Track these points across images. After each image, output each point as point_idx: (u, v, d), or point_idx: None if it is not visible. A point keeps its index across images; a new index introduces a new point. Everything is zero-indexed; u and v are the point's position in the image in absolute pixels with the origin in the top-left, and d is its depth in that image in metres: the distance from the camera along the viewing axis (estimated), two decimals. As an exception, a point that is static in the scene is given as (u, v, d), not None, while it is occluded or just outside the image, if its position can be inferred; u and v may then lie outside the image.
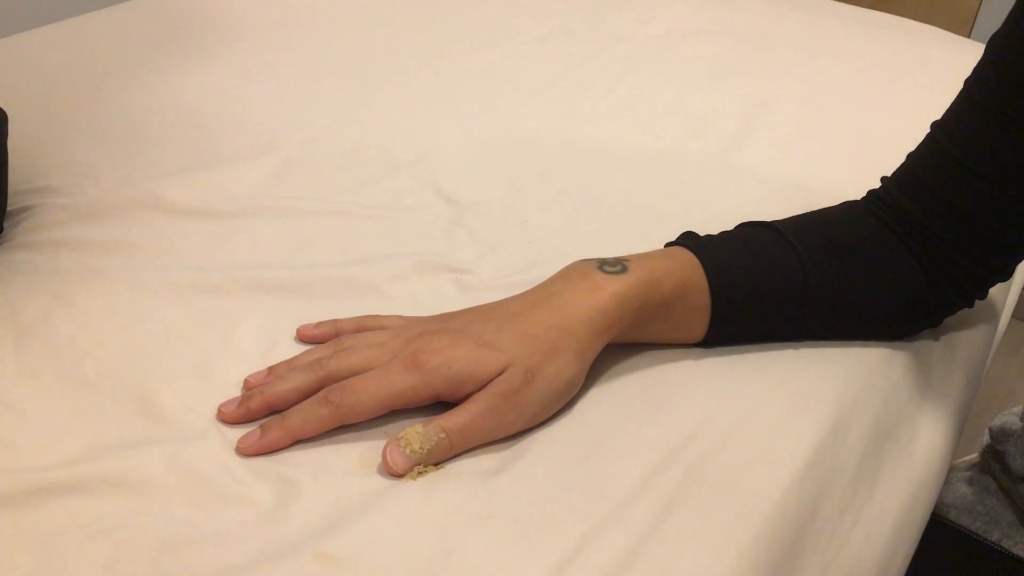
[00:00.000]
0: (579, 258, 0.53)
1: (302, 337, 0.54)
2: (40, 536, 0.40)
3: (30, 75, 0.83)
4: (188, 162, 0.71)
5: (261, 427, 0.46)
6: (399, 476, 0.45)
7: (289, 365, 0.50)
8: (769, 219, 0.59)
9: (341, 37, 0.96)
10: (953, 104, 0.58)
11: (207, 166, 0.70)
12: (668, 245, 0.57)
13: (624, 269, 0.52)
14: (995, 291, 0.64)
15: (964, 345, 0.64)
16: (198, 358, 0.52)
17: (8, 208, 0.63)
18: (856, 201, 0.62)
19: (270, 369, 0.50)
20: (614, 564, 0.41)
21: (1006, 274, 0.60)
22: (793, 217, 0.59)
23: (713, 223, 0.60)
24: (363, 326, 0.53)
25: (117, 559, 0.40)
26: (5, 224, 0.63)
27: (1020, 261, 0.60)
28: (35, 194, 0.65)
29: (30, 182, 0.66)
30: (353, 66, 0.90)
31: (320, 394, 0.47)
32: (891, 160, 0.61)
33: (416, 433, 0.45)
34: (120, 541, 0.40)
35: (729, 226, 0.59)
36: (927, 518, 0.58)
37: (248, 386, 0.50)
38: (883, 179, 0.61)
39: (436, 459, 0.46)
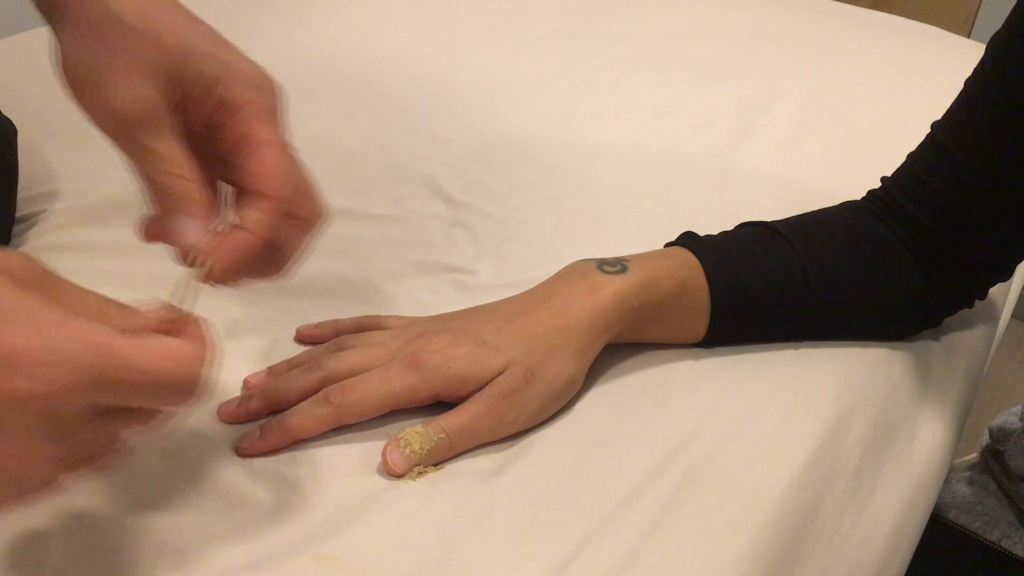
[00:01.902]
0: (579, 258, 0.53)
1: (302, 337, 0.54)
2: (38, 536, 0.40)
3: (30, 75, 0.83)
4: (188, 162, 0.71)
5: (261, 427, 0.46)
6: (399, 476, 0.45)
7: (289, 365, 0.50)
8: (769, 219, 0.59)
9: (340, 37, 0.96)
10: (954, 104, 0.58)
11: (207, 166, 0.70)
12: (668, 245, 0.57)
13: (624, 269, 0.52)
14: (995, 291, 0.64)
15: (964, 345, 0.64)
16: (198, 358, 0.52)
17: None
18: (856, 201, 0.62)
19: (270, 369, 0.50)
20: (614, 564, 0.41)
21: (1006, 274, 0.60)
22: (793, 217, 0.59)
23: (713, 223, 0.60)
24: (363, 326, 0.53)
25: (117, 559, 0.40)
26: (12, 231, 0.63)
27: (1020, 261, 0.60)
28: (39, 200, 0.65)
29: (32, 188, 0.66)
30: (352, 65, 0.90)
31: (320, 394, 0.47)
32: (891, 160, 0.61)
33: (416, 433, 0.45)
34: (120, 541, 0.40)
35: (729, 226, 0.59)
36: (927, 518, 0.58)
37: (248, 386, 0.50)
38: (883, 179, 0.61)
39: (436, 459, 0.45)
